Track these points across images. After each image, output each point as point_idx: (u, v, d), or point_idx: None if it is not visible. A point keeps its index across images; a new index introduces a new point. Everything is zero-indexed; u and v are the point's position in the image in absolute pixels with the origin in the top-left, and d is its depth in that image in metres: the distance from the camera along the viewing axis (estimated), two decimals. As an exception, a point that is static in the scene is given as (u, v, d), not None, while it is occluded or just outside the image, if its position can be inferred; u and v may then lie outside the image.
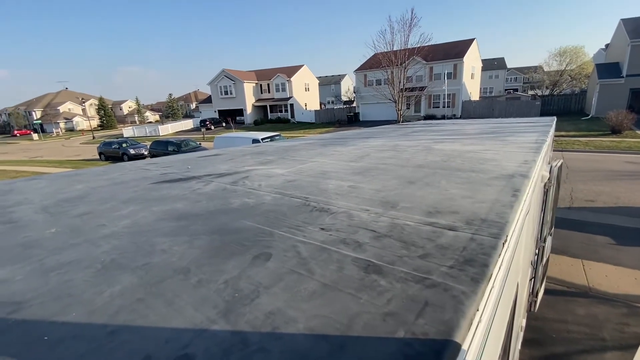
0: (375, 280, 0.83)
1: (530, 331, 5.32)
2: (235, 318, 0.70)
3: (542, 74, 42.68)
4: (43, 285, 0.90)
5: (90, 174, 2.74)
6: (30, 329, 0.72)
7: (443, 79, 31.04)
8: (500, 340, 1.29)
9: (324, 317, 0.69)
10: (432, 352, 0.58)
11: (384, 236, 1.11)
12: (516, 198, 1.45)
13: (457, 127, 5.78)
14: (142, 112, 73.90)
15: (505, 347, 1.92)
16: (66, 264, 1.03)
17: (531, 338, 5.33)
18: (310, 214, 1.38)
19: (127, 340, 0.66)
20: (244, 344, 0.62)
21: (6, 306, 0.81)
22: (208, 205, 1.60)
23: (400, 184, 1.82)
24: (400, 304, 0.73)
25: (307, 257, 0.99)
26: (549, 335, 5.54)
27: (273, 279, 0.86)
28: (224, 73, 43.67)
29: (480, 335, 0.70)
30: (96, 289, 0.86)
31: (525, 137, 3.69)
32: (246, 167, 2.66)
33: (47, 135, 56.07)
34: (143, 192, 1.96)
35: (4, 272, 1.00)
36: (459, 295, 0.74)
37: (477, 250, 0.97)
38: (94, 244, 1.18)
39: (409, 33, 24.68)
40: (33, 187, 2.29)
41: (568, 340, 4.82)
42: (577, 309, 5.32)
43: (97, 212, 1.58)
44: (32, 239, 1.27)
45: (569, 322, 5.15)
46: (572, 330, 4.91)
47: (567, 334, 4.95)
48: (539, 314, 5.54)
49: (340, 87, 61.33)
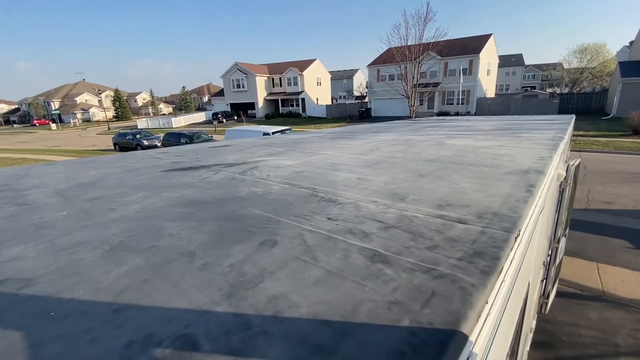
0: (381, 269, 0.82)
1: (540, 333, 5.22)
2: (238, 301, 0.70)
3: (561, 72, 41.33)
4: (52, 264, 0.92)
5: (104, 161, 2.79)
6: (38, 305, 0.73)
7: (458, 75, 30.39)
8: (509, 338, 1.26)
9: (327, 303, 0.68)
10: (437, 341, 0.56)
11: (391, 227, 1.09)
12: (530, 193, 1.40)
13: (471, 123, 5.65)
14: (155, 104, 75.03)
15: (514, 347, 1.88)
16: (76, 244, 1.05)
17: (541, 340, 5.23)
18: (317, 204, 1.37)
19: (131, 318, 0.66)
20: (245, 327, 0.62)
21: (16, 282, 0.82)
22: (216, 193, 1.60)
23: (410, 177, 1.79)
24: (406, 293, 0.71)
25: (312, 245, 0.97)
26: (560, 338, 5.42)
27: (278, 264, 0.86)
28: (236, 66, 43.82)
29: (489, 328, 0.68)
30: (104, 268, 0.87)
31: (541, 134, 3.57)
32: (255, 158, 2.66)
33: (64, 125, 57.56)
34: (153, 179, 1.98)
35: (17, 250, 1.02)
36: (467, 287, 0.72)
37: (488, 243, 0.94)
38: (104, 226, 1.20)
39: (423, 27, 24.23)
40: (49, 172, 2.35)
41: (579, 344, 4.70)
42: (590, 313, 5.18)
43: (108, 197, 1.60)
44: (44, 220, 1.30)
45: (581, 326, 5.03)
46: (584, 335, 4.79)
47: (578, 337, 4.83)
48: (550, 317, 5.43)
49: (353, 82, 60.77)
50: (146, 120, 46.41)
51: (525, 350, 3.31)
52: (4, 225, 1.25)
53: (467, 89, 31.14)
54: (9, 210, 1.45)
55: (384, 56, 32.45)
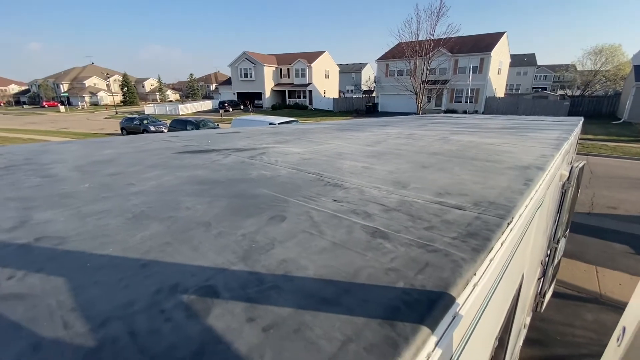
0: (381, 243, 0.89)
1: (534, 331, 5.31)
2: (252, 262, 0.78)
3: (574, 73, 40.63)
4: (81, 227, 1.01)
5: (117, 141, 2.88)
6: (74, 258, 0.82)
7: (468, 73, 30.05)
8: (499, 320, 1.34)
9: (331, 268, 0.76)
10: (427, 300, 0.64)
11: (392, 210, 1.16)
12: (527, 187, 1.47)
13: (478, 121, 5.67)
14: (163, 90, 75.14)
15: (503, 337, 1.97)
16: (100, 212, 1.14)
17: (535, 338, 5.31)
18: (323, 188, 1.45)
19: (158, 271, 0.75)
20: (259, 282, 0.70)
21: (52, 240, 0.92)
22: (227, 174, 1.69)
23: (413, 167, 1.85)
24: (402, 262, 0.79)
25: (319, 221, 1.05)
26: (553, 337, 5.50)
27: (287, 236, 0.94)
28: (244, 55, 43.66)
29: (476, 297, 0.75)
30: (128, 232, 0.96)
31: (547, 133, 3.61)
32: (263, 144, 2.74)
33: (73, 108, 57.96)
34: (167, 159, 2.07)
35: (47, 214, 1.11)
36: (458, 260, 0.80)
37: (482, 226, 1.01)
38: (125, 198, 1.29)
39: (435, 23, 23.92)
40: (66, 150, 2.45)
41: (572, 343, 4.78)
42: (585, 315, 5.25)
43: (125, 174, 1.70)
44: (68, 191, 1.39)
45: (576, 327, 5.10)
46: (578, 335, 4.86)
47: (572, 337, 4.91)
48: (545, 316, 5.50)
49: (361, 75, 60.28)
50: (153, 106, 46.57)
51: (517, 345, 3.40)
52: (32, 194, 1.35)
53: (477, 88, 30.81)
54: (35, 181, 1.55)
55: (393, 51, 32.12)
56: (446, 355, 0.62)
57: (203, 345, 0.52)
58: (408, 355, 0.52)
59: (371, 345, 0.52)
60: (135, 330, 0.56)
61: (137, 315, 0.60)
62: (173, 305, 0.62)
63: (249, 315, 0.60)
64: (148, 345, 0.52)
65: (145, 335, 0.55)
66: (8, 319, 0.60)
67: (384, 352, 0.51)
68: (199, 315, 0.59)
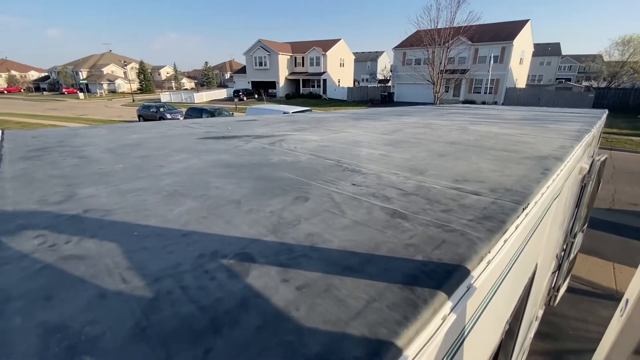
0: (400, 222, 0.95)
1: (546, 325, 5.29)
2: (281, 235, 0.86)
3: (600, 64, 38.75)
4: (123, 201, 1.10)
5: (142, 127, 3.01)
6: (121, 227, 0.91)
7: (488, 63, 29.10)
8: (511, 304, 1.39)
9: (354, 242, 0.83)
10: (444, 271, 0.70)
11: (410, 194, 1.21)
12: (544, 176, 1.48)
13: (497, 112, 5.56)
14: (179, 78, 75.95)
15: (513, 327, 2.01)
16: (137, 189, 1.23)
17: (546, 332, 5.30)
18: (342, 173, 1.51)
19: (198, 240, 0.83)
20: (289, 251, 0.77)
21: (99, 212, 1.01)
22: (250, 159, 1.76)
23: (430, 155, 1.88)
24: (420, 239, 0.84)
25: (340, 202, 1.12)
26: (566, 331, 5.48)
27: (311, 214, 1.01)
28: (259, 43, 43.48)
29: (489, 273, 0.80)
30: (167, 207, 1.05)
31: (568, 125, 3.53)
32: (282, 132, 2.80)
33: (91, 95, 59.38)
34: (192, 144, 2.16)
35: (91, 190, 1.22)
36: (473, 239, 0.85)
37: (497, 210, 1.05)
38: (157, 178, 1.38)
39: (456, 10, 23.15)
40: (95, 134, 2.58)
41: (584, 338, 4.76)
42: (600, 311, 5.19)
43: (154, 156, 1.79)
44: (105, 170, 1.50)
45: (589, 322, 5.06)
46: (591, 330, 4.83)
47: (584, 332, 4.88)
48: (558, 310, 5.47)
49: (377, 64, 59.19)
50: (169, 94, 47.22)
51: (528, 337, 3.42)
52: (72, 172, 1.46)
53: (497, 78, 29.85)
54: (72, 161, 1.66)
55: (411, 39, 31.36)
56: (459, 323, 0.68)
57: (245, 299, 0.60)
58: (427, 315, 0.58)
59: (393, 304, 0.59)
60: (185, 286, 0.64)
61: (185, 274, 0.68)
62: (215, 267, 0.70)
63: (283, 277, 0.67)
64: (198, 297, 0.60)
65: (195, 289, 0.63)
66: (73, 275, 0.69)
67: (405, 310, 0.57)
68: (239, 276, 0.67)
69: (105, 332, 0.52)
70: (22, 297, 0.60)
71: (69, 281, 0.66)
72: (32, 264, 0.72)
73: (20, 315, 0.55)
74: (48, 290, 0.62)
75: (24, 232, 0.86)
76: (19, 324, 0.54)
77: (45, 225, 0.91)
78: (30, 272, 0.69)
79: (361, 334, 0.52)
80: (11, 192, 1.18)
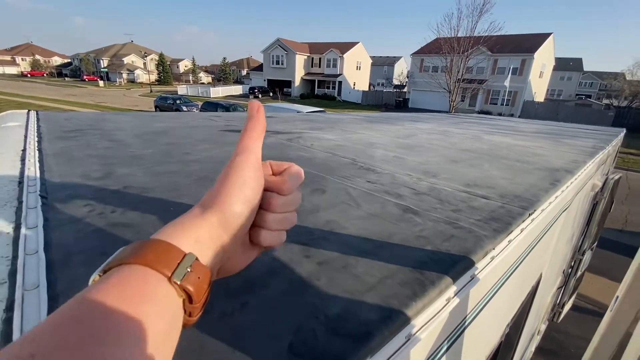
0: (412, 217, 1.02)
1: (549, 341, 5.25)
2: (301, 219, 0.94)
3: (622, 82, 37.84)
4: (157, 181, 1.20)
5: (166, 116, 3.14)
6: (158, 203, 1.01)
7: (507, 74, 28.74)
8: (512, 308, 1.44)
9: (369, 230, 0.90)
10: (451, 260, 0.77)
11: (422, 194, 1.28)
12: (554, 186, 1.53)
13: (513, 124, 5.55)
14: (196, 72, 77.15)
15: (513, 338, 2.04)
16: (169, 172, 1.33)
17: (548, 348, 5.27)
18: (357, 171, 1.58)
19: (227, 219, 0.92)
20: (310, 233, 0.86)
21: (138, 189, 1.12)
22: (270, 153, 1.85)
23: (443, 160, 1.95)
24: (430, 233, 0.92)
25: (355, 196, 1.20)
26: (568, 349, 5.42)
27: (328, 204, 1.09)
28: (278, 42, 43.88)
29: (493, 270, 0.87)
30: (198, 189, 1.14)
31: (583, 141, 3.53)
32: (298, 129, 2.89)
33: (111, 84, 60.77)
34: (214, 136, 2.27)
35: (127, 170, 1.32)
36: (480, 236, 0.92)
37: (504, 214, 1.11)
38: (185, 164, 1.48)
39: (477, 19, 23.00)
40: (121, 120, 2.72)
41: (587, 357, 4.68)
42: (604, 330, 5.09)
43: (180, 144, 1.90)
44: (136, 154, 1.61)
45: (593, 341, 4.97)
46: (594, 349, 4.74)
47: (587, 351, 4.80)
48: (562, 328, 5.41)
49: (394, 69, 59.01)
50: (186, 87, 48.00)
51: (529, 350, 3.43)
52: (108, 153, 1.57)
53: (515, 90, 29.48)
54: (106, 144, 1.78)
55: (430, 46, 31.22)
56: (462, 309, 0.75)
57: (273, 268, 0.68)
58: (433, 294, 0.65)
59: (404, 282, 0.66)
60: (220, 254, 0.73)
61: (219, 245, 0.77)
62: (245, 241, 0.79)
63: (305, 254, 0.75)
64: (232, 264, 0.69)
65: (229, 258, 0.71)
66: (122, 238, 0.79)
67: (414, 288, 0.65)
68: (267, 251, 0.75)
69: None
70: (82, 253, 0.70)
71: (119, 242, 0.76)
72: (86, 227, 0.81)
73: (83, 266, 0.65)
74: (103, 248, 0.72)
75: (74, 201, 0.97)
76: (83, 272, 0.63)
77: (92, 197, 1.01)
78: (85, 233, 0.78)
79: (375, 303, 0.60)
80: (56, 168, 1.29)
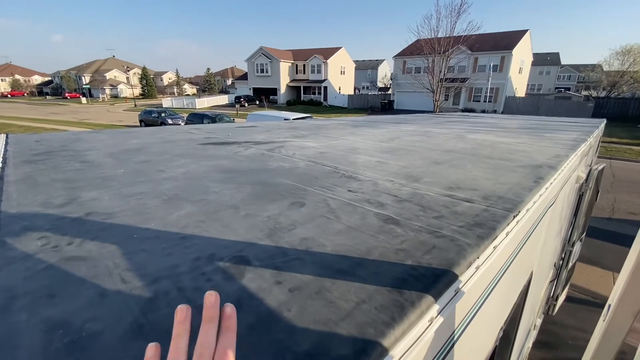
0: (393, 228, 0.98)
1: (545, 334, 5.26)
2: (277, 239, 0.88)
3: (600, 74, 39.07)
4: (124, 205, 1.13)
5: (143, 132, 3.05)
6: (122, 230, 0.94)
7: (488, 72, 29.37)
8: (504, 312, 1.40)
9: (347, 246, 0.85)
10: (432, 275, 0.73)
11: (404, 201, 1.24)
12: (537, 184, 1.51)
13: (495, 120, 5.62)
14: (180, 84, 76.56)
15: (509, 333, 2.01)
16: (138, 193, 1.26)
17: (545, 341, 5.27)
18: (339, 179, 1.54)
19: (196, 243, 0.86)
20: (284, 254, 0.80)
21: (101, 215, 1.04)
22: (249, 165, 1.80)
23: (426, 163, 1.92)
24: (411, 245, 0.87)
25: (335, 208, 1.15)
26: (565, 341, 5.44)
27: (306, 219, 1.04)
28: (261, 50, 43.92)
29: (479, 279, 0.83)
30: (166, 211, 1.08)
31: (565, 134, 3.57)
32: (281, 138, 2.84)
33: (94, 100, 59.75)
34: (192, 150, 2.20)
35: (93, 194, 1.25)
36: (463, 245, 0.87)
37: (488, 218, 1.08)
38: (157, 183, 1.41)
39: (456, 20, 23.45)
40: (97, 139, 2.62)
41: (584, 348, 4.71)
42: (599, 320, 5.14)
43: (155, 161, 1.83)
44: (107, 175, 1.53)
45: (589, 332, 5.01)
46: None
47: (584, 342, 4.83)
48: (557, 320, 5.44)
49: (377, 72, 59.66)
50: (171, 99, 47.51)
51: (526, 346, 3.41)
52: (76, 176, 1.49)
53: (496, 87, 30.10)
54: (75, 166, 1.70)
55: (411, 47, 31.72)
56: (448, 326, 0.70)
57: (240, 300, 0.63)
58: (413, 317, 0.60)
59: (381, 306, 0.61)
60: (182, 287, 0.66)
61: (182, 275, 0.71)
62: (212, 269, 0.73)
63: (277, 279, 0.69)
64: (194, 297, 0.63)
65: (191, 290, 0.65)
66: (75, 275, 0.72)
67: (392, 312, 0.60)
68: (235, 278, 0.69)
69: (105, 328, 0.54)
70: (27, 295, 0.63)
71: (71, 280, 0.69)
72: (36, 264, 0.74)
73: (25, 312, 0.58)
74: (51, 289, 0.65)
75: (28, 234, 0.89)
76: (25, 320, 0.56)
77: (49, 227, 0.93)
78: (34, 272, 0.71)
79: (349, 334, 0.54)
80: (16, 195, 1.21)
